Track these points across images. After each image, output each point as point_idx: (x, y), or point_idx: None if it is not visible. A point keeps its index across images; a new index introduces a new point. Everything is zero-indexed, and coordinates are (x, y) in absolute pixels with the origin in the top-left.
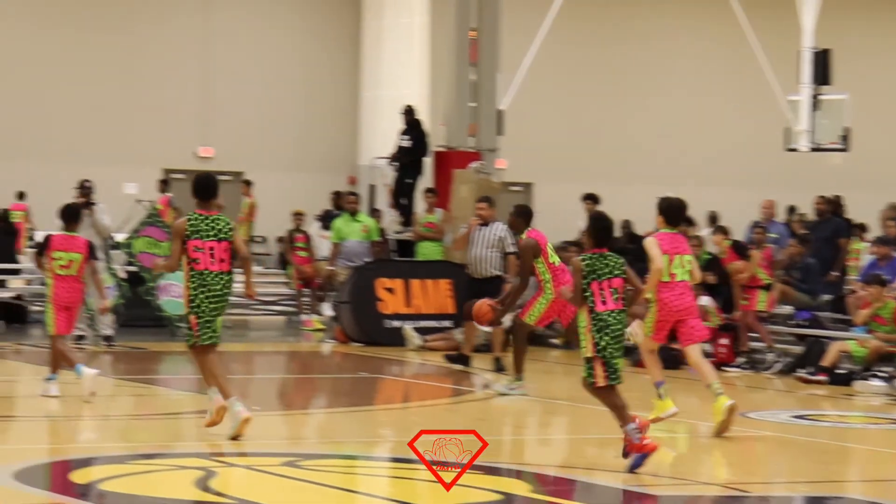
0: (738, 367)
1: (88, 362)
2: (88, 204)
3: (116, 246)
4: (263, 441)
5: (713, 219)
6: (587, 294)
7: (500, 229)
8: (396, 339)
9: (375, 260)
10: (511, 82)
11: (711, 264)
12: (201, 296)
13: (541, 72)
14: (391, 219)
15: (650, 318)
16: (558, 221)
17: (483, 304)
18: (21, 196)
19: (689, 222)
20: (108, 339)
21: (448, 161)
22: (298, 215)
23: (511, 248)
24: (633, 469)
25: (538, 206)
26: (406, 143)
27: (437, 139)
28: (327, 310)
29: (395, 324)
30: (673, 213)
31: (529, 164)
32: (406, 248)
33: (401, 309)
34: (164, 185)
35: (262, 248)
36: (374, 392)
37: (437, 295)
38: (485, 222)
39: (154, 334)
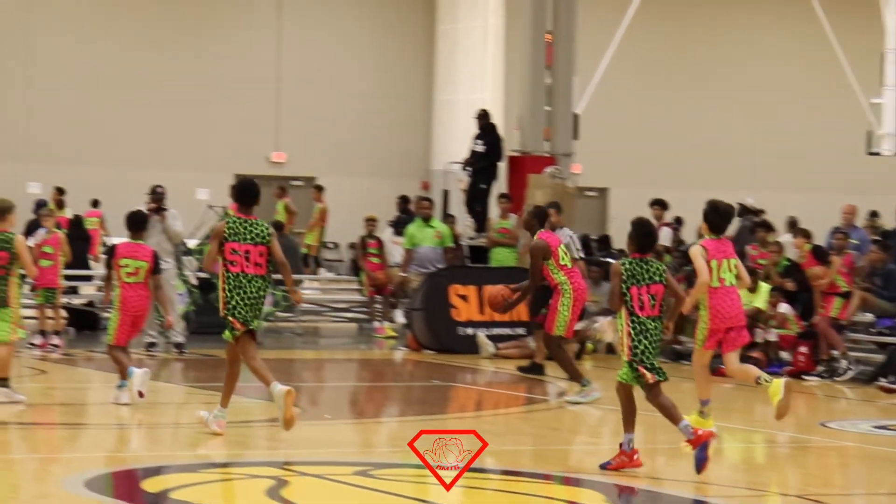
0: (817, 375)
1: (159, 370)
2: (160, 209)
3: (188, 252)
4: (335, 449)
5: (793, 224)
6: (626, 298)
7: (565, 235)
8: (469, 346)
9: (449, 266)
10: (587, 86)
11: (791, 270)
12: (237, 297)
13: (616, 75)
14: (465, 224)
15: (701, 327)
16: None
17: (497, 293)
18: (95, 203)
19: (769, 227)
20: (179, 346)
21: (522, 166)
22: (371, 221)
23: (577, 254)
24: (699, 464)
25: (613, 211)
26: (480, 148)
27: (511, 143)
28: (399, 317)
29: (469, 331)
30: (717, 219)
31: (605, 168)
32: (480, 254)
33: (474, 316)
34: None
35: (334, 254)
36: (446, 400)
37: None
38: (552, 228)
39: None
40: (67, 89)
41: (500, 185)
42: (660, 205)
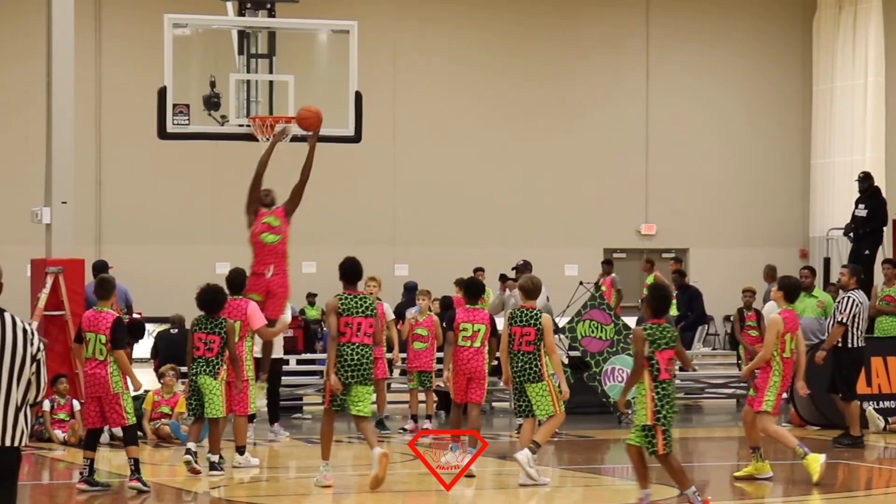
0: None
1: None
2: (506, 278)
3: (560, 330)
4: None
5: None
6: (653, 362)
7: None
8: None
9: None
10: None
11: None
12: (340, 367)
13: None
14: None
15: (773, 393)
16: None
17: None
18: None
19: None
20: None
21: None
22: (748, 292)
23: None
24: None
25: None
26: (862, 213)
27: None
28: None
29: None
30: (793, 290)
31: None
32: None
33: (860, 388)
34: (608, 266)
35: (709, 327)
36: (833, 479)
37: None
38: (840, 288)
39: (600, 421)
40: (430, 169)
41: (885, 251)
42: None
